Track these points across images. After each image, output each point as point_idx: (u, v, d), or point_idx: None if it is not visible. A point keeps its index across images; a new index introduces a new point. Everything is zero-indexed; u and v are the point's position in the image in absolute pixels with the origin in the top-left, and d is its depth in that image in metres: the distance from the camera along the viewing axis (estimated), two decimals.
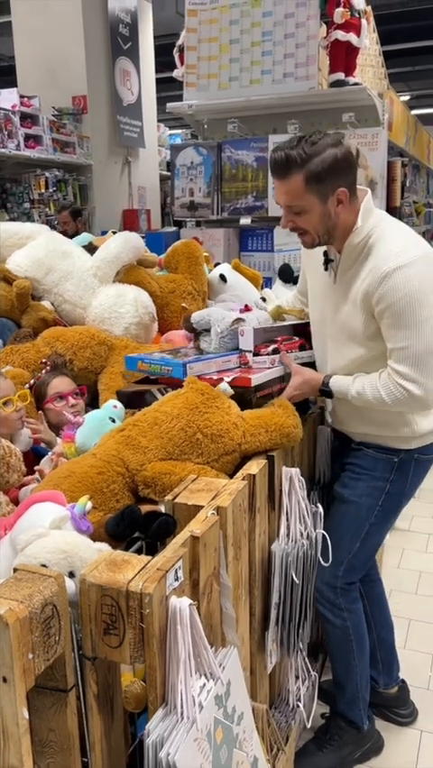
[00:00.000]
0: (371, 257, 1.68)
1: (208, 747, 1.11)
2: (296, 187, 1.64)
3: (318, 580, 1.87)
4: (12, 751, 1.03)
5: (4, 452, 1.56)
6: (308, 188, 1.63)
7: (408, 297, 1.61)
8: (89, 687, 1.17)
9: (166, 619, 1.10)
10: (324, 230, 1.70)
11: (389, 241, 1.67)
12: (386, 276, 1.61)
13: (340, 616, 1.89)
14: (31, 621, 1.00)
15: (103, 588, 1.09)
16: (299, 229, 1.72)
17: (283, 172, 1.64)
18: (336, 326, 1.79)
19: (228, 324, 1.88)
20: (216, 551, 1.30)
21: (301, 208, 1.67)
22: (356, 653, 1.92)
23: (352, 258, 1.72)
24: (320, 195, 1.64)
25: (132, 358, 1.94)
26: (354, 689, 1.94)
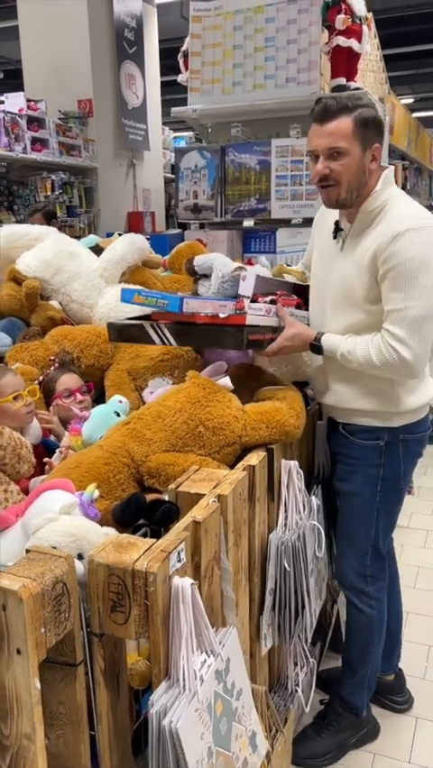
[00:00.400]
0: (383, 222, 1.73)
1: (209, 718, 1.18)
2: (344, 128, 1.68)
3: (348, 571, 1.94)
4: (25, 719, 1.10)
5: (16, 444, 1.63)
6: (355, 132, 1.68)
7: (413, 260, 1.65)
8: (97, 662, 1.24)
9: (169, 598, 1.17)
10: (355, 184, 1.73)
11: (403, 207, 1.74)
12: (397, 235, 1.66)
13: (368, 603, 1.95)
14: (43, 597, 1.07)
15: (110, 567, 1.16)
16: (331, 178, 1.73)
17: (332, 114, 1.68)
18: (338, 291, 1.83)
19: (231, 270, 1.89)
20: (216, 536, 1.37)
21: (344, 150, 1.69)
22: (376, 642, 1.99)
23: (365, 223, 1.77)
24: (362, 142, 1.70)
25: (128, 290, 1.90)
26: (364, 674, 2.00)
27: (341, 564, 1.94)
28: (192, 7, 4.05)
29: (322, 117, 1.69)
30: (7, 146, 5.55)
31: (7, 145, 5.55)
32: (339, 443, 1.94)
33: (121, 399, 1.88)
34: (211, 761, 1.18)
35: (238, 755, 1.28)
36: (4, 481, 1.58)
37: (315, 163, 1.76)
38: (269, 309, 1.86)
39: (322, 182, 1.75)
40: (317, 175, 1.74)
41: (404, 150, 5.16)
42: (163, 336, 1.79)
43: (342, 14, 3.55)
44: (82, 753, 1.24)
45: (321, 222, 1.98)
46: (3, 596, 1.05)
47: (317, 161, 1.75)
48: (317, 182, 1.77)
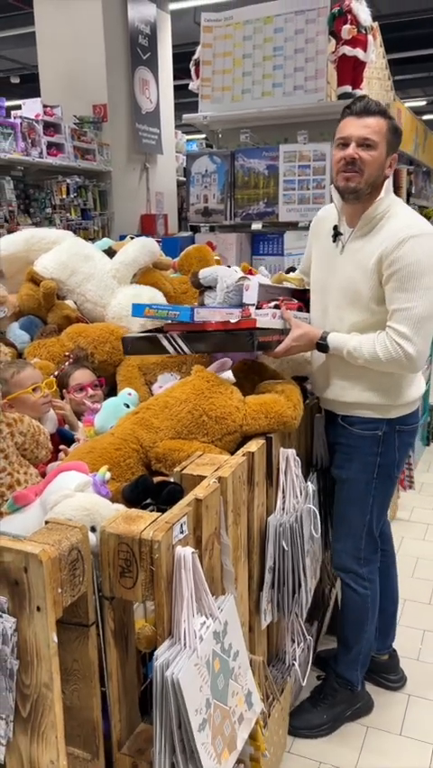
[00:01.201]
0: (385, 228, 1.88)
1: (207, 673, 1.31)
2: (380, 127, 1.86)
3: (343, 554, 2.07)
4: (44, 670, 1.24)
5: (35, 431, 1.77)
6: (386, 134, 1.86)
7: (418, 263, 1.80)
8: (108, 624, 1.37)
9: (172, 564, 1.31)
10: (372, 180, 1.89)
11: (406, 215, 1.91)
12: (403, 240, 1.81)
13: (362, 585, 2.08)
14: (60, 561, 1.21)
15: (120, 537, 1.30)
16: (357, 164, 1.87)
17: (373, 113, 1.86)
18: (340, 292, 1.96)
19: (235, 280, 2.03)
20: (217, 513, 1.51)
21: (374, 144, 1.85)
22: (369, 621, 2.11)
23: (368, 227, 1.91)
24: (388, 146, 1.88)
25: (139, 305, 2.04)
26: (358, 651, 2.13)
27: (337, 548, 2.07)
28: (203, 17, 4.20)
29: (363, 112, 1.86)
30: (24, 151, 5.71)
31: (24, 150, 5.71)
32: (338, 433, 2.07)
33: (130, 392, 2.02)
34: (209, 711, 1.31)
35: (235, 710, 1.41)
36: (24, 464, 1.73)
37: (341, 150, 1.89)
38: (274, 314, 2.01)
39: (348, 167, 1.88)
40: (346, 158, 1.88)
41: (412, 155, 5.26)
42: (177, 345, 1.94)
43: (348, 25, 3.68)
44: (94, 705, 1.38)
45: (318, 228, 2.12)
46: (25, 559, 1.19)
47: (343, 149, 1.89)
48: (342, 167, 1.89)
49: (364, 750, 2.05)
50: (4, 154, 5.45)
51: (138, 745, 1.45)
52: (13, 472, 1.66)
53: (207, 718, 1.30)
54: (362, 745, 2.07)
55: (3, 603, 1.23)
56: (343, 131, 1.90)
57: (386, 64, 4.29)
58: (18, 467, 1.68)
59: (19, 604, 1.22)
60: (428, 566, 3.08)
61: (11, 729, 1.29)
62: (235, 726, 1.41)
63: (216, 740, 1.33)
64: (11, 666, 1.24)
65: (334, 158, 1.92)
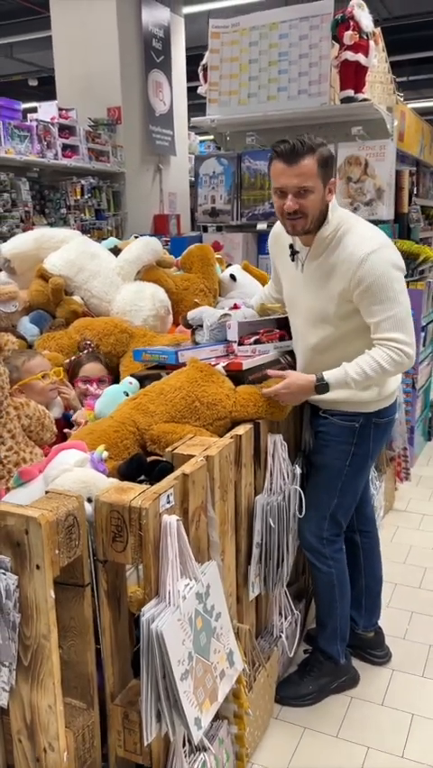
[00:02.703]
0: (341, 246, 1.96)
1: (189, 629, 1.46)
2: (310, 169, 1.87)
3: (307, 533, 2.18)
4: (42, 623, 1.38)
5: (40, 415, 1.93)
6: (318, 171, 1.90)
7: (384, 275, 1.91)
8: (101, 585, 1.52)
9: (159, 531, 1.45)
10: (318, 214, 1.95)
11: (359, 232, 1.98)
12: (363, 260, 1.90)
13: (326, 563, 2.20)
14: (57, 525, 1.36)
15: (112, 505, 1.45)
16: (300, 212, 1.93)
17: (300, 156, 1.85)
18: (307, 309, 2.07)
19: (217, 319, 2.22)
20: (203, 488, 1.65)
21: (311, 188, 1.89)
22: (338, 596, 2.23)
23: (321, 248, 2.01)
24: (323, 179, 1.92)
25: (138, 351, 2.29)
26: (334, 626, 2.25)
27: (303, 527, 2.18)
28: (211, 24, 4.34)
29: (290, 158, 1.88)
30: (40, 153, 5.89)
31: (40, 152, 5.89)
32: (319, 423, 2.20)
33: (131, 381, 2.17)
34: (191, 664, 1.45)
35: (216, 666, 1.55)
36: (30, 445, 1.88)
37: (279, 198, 1.96)
38: (254, 350, 2.19)
39: (291, 216, 1.95)
40: (286, 209, 1.93)
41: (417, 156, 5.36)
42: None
43: (350, 31, 3.80)
44: (89, 660, 1.53)
45: (276, 246, 2.22)
46: (26, 522, 1.34)
47: (282, 198, 1.94)
48: (285, 215, 1.96)
49: (347, 718, 2.17)
50: (20, 156, 5.63)
51: (129, 698, 1.59)
52: (19, 451, 1.82)
53: (189, 670, 1.44)
54: (345, 713, 2.19)
55: (6, 562, 1.38)
56: (277, 179, 1.92)
57: (388, 68, 4.40)
58: (24, 446, 1.84)
59: (20, 563, 1.36)
60: (420, 553, 3.20)
61: (14, 677, 1.44)
62: (217, 681, 1.55)
63: (197, 690, 1.47)
64: (13, 619, 1.39)
65: (275, 203, 1.98)
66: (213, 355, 2.20)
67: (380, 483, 3.31)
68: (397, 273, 1.95)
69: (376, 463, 3.22)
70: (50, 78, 10.13)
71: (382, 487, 3.36)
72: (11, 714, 1.47)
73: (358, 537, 2.38)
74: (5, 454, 1.79)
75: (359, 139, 3.98)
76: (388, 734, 2.11)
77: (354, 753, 2.03)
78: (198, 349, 2.18)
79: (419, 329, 4.10)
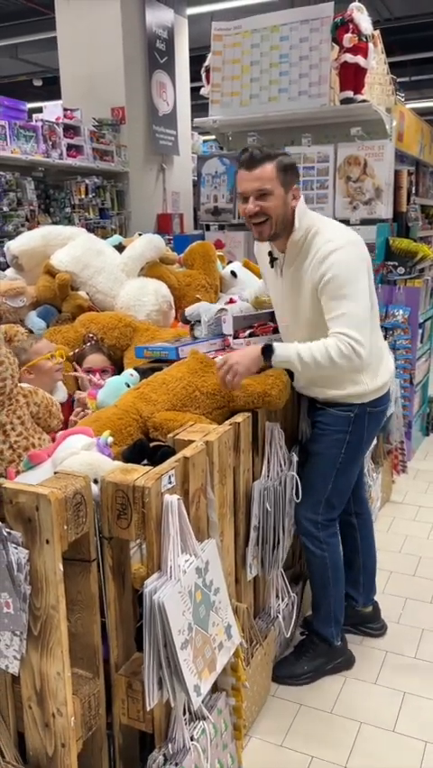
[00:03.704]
0: (312, 248, 2.05)
1: (189, 601, 1.55)
2: (269, 173, 1.99)
3: (302, 518, 2.28)
4: (51, 594, 1.48)
5: (47, 402, 2.02)
6: (277, 175, 2.00)
7: (345, 272, 1.99)
8: (107, 561, 1.61)
9: (161, 509, 1.54)
10: (281, 218, 2.04)
11: (325, 232, 2.06)
12: (326, 257, 2.00)
13: (320, 547, 2.29)
14: (66, 502, 1.45)
15: (117, 484, 1.54)
16: (261, 215, 2.02)
17: (258, 162, 1.98)
18: (290, 312, 2.18)
19: (213, 314, 2.32)
20: (203, 471, 1.74)
21: (269, 191, 1.99)
22: (332, 579, 2.32)
23: (294, 253, 2.10)
24: (284, 184, 2.03)
25: (139, 348, 2.39)
26: (327, 608, 2.34)
27: (298, 512, 2.28)
28: (213, 26, 4.43)
29: (249, 164, 2.01)
30: (45, 152, 5.98)
31: (45, 151, 5.98)
32: (316, 413, 2.29)
33: (132, 373, 2.26)
34: (191, 634, 1.55)
35: (215, 638, 1.64)
36: (38, 431, 1.98)
37: (243, 203, 2.07)
38: (248, 342, 2.29)
39: (254, 219, 2.06)
40: (248, 213, 2.04)
41: (417, 156, 5.44)
42: None
43: (349, 33, 3.89)
44: (95, 632, 1.62)
45: (260, 253, 2.34)
46: (36, 499, 1.43)
47: (245, 202, 2.06)
48: (248, 219, 2.07)
49: (342, 695, 2.26)
50: (26, 156, 5.72)
51: (133, 669, 1.68)
52: (28, 437, 1.91)
53: (188, 639, 1.53)
54: (340, 691, 2.28)
55: (18, 537, 1.47)
56: (239, 185, 2.05)
57: (387, 69, 4.49)
58: (33, 432, 1.93)
59: (31, 538, 1.46)
60: (415, 543, 3.29)
61: (24, 646, 1.53)
62: (216, 652, 1.64)
63: (197, 659, 1.56)
64: (24, 591, 1.48)
65: (240, 211, 2.10)
66: (212, 349, 2.30)
67: (377, 475, 3.40)
68: (359, 273, 2.02)
69: (373, 456, 3.31)
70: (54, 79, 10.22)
71: (379, 479, 3.45)
72: (21, 681, 1.57)
73: (354, 519, 2.48)
74: (15, 440, 1.89)
75: (358, 139, 4.06)
76: (380, 710, 2.20)
77: (348, 727, 2.12)
78: (196, 344, 2.28)
79: (417, 326, 4.19)
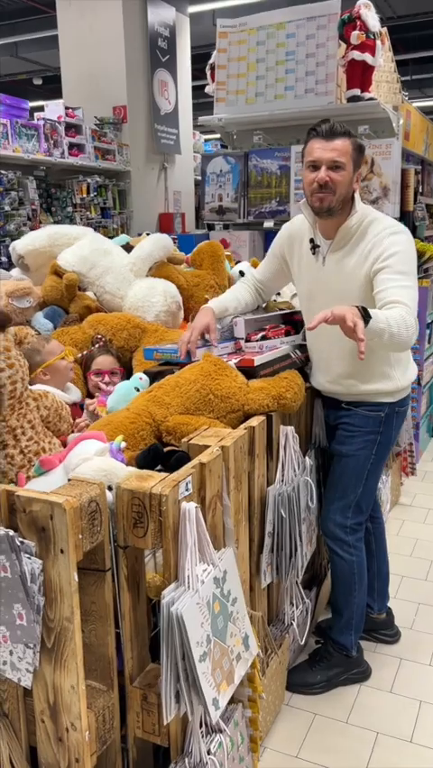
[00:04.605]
0: (367, 234, 2.05)
1: (207, 612, 1.50)
2: (346, 148, 2.00)
3: (331, 522, 2.24)
4: (66, 605, 1.43)
5: (58, 406, 1.98)
6: (352, 153, 2.01)
7: (406, 253, 1.99)
8: (122, 570, 1.57)
9: (178, 517, 1.50)
10: (344, 197, 2.04)
11: (383, 220, 2.08)
12: (387, 236, 2.00)
13: (348, 552, 2.25)
14: (81, 510, 1.40)
15: (133, 492, 1.49)
16: (329, 186, 2.00)
17: (338, 134, 1.99)
18: (331, 299, 2.05)
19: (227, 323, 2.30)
20: (219, 477, 1.69)
21: (343, 165, 1.99)
22: (357, 585, 2.28)
23: (345, 239, 2.08)
24: (354, 163, 2.03)
25: (149, 349, 2.33)
26: (349, 615, 2.29)
27: (326, 516, 2.24)
28: (219, 23, 4.38)
29: (329, 134, 2.01)
30: (47, 151, 5.93)
31: (47, 150, 5.93)
32: (340, 415, 2.24)
33: (141, 377, 2.21)
34: (209, 646, 1.50)
35: (233, 649, 1.60)
36: (49, 435, 1.93)
37: (311, 172, 2.05)
38: (261, 346, 2.24)
39: (322, 189, 2.03)
40: (318, 181, 2.01)
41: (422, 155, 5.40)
42: None
43: (357, 31, 3.85)
44: (109, 643, 1.57)
45: (292, 242, 2.27)
46: (51, 508, 1.38)
47: (314, 171, 2.03)
48: (315, 188, 2.03)
49: (357, 704, 2.22)
50: (27, 155, 5.67)
51: (147, 681, 1.64)
52: (39, 441, 1.86)
53: (207, 652, 1.49)
54: (354, 699, 2.24)
55: (31, 547, 1.42)
56: (312, 153, 2.02)
57: (394, 67, 4.44)
58: (43, 436, 1.88)
59: (45, 547, 1.41)
60: (426, 546, 3.24)
61: (37, 659, 1.48)
62: (234, 663, 1.59)
63: (215, 672, 1.52)
64: (38, 602, 1.44)
65: (305, 179, 2.06)
66: (224, 352, 2.24)
67: (386, 478, 3.36)
68: (414, 261, 2.02)
69: None
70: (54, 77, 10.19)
71: (388, 481, 3.40)
72: (34, 695, 1.52)
73: (369, 523, 2.44)
74: (26, 444, 1.84)
75: (365, 138, 4.01)
76: (396, 720, 2.15)
77: (364, 737, 2.08)
78: (208, 347, 2.22)
79: (424, 326, 4.15)
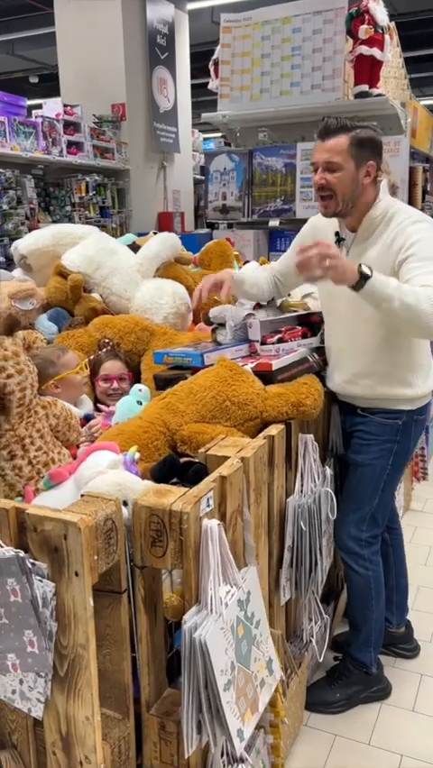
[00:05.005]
0: (391, 225, 1.94)
1: (232, 637, 1.40)
2: (340, 146, 1.89)
3: (345, 535, 2.14)
4: (80, 631, 1.33)
5: (67, 415, 1.88)
6: (349, 149, 1.90)
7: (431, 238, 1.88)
8: (138, 591, 1.47)
9: (200, 535, 1.40)
10: (349, 196, 1.93)
11: (406, 211, 1.98)
12: (411, 225, 1.90)
13: (364, 566, 2.15)
14: (96, 529, 1.31)
15: (151, 508, 1.39)
16: (327, 189, 1.93)
17: (332, 132, 1.89)
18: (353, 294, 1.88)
19: (241, 319, 2.18)
20: (240, 491, 1.60)
21: (338, 165, 1.89)
22: (374, 600, 2.18)
23: (370, 229, 1.98)
24: (356, 159, 1.91)
25: (159, 353, 2.21)
26: (368, 632, 2.20)
27: (340, 529, 2.14)
28: (222, 18, 4.28)
29: (323, 134, 1.92)
30: (45, 149, 5.83)
31: (45, 149, 5.83)
32: (356, 422, 2.14)
33: (141, 388, 2.11)
34: (233, 673, 1.40)
35: (257, 675, 1.50)
36: (58, 445, 1.83)
37: (313, 173, 1.99)
38: (278, 349, 2.14)
39: (320, 192, 1.96)
40: (314, 184, 1.97)
41: (427, 153, 5.31)
42: None
43: (365, 25, 3.75)
44: (125, 669, 1.47)
45: (316, 230, 2.18)
46: (65, 527, 1.28)
47: (314, 172, 1.97)
48: (316, 191, 1.99)
49: (379, 724, 2.12)
50: (25, 153, 5.57)
51: (165, 708, 1.54)
52: (48, 451, 1.76)
53: (231, 680, 1.39)
54: (376, 719, 2.14)
55: (43, 569, 1.32)
56: (312, 156, 1.98)
57: (402, 63, 4.36)
58: (52, 446, 1.78)
59: (58, 569, 1.31)
60: None
61: (49, 688, 1.38)
62: (258, 690, 1.50)
63: (239, 701, 1.42)
64: (50, 628, 1.34)
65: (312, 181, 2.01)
66: (238, 355, 2.15)
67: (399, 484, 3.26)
68: None
69: None
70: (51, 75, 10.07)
71: (400, 487, 3.31)
72: (45, 725, 1.42)
73: (387, 534, 2.34)
74: (35, 454, 1.74)
75: None
76: (420, 740, 2.06)
77: (388, 760, 1.98)
78: (222, 350, 2.13)
79: None
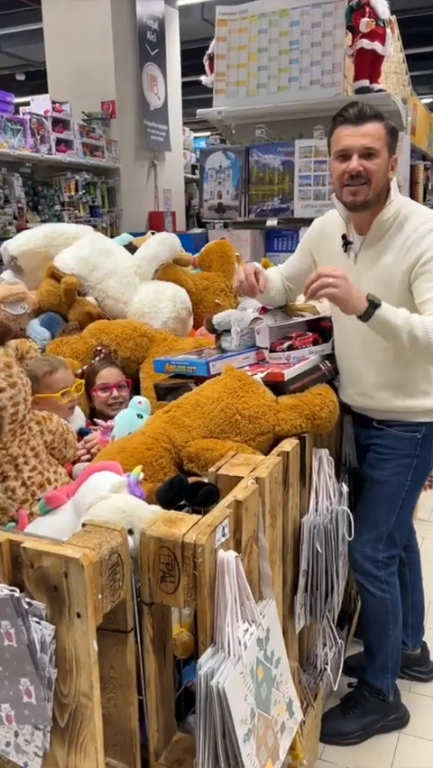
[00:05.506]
0: (404, 228, 1.81)
1: (251, 681, 1.27)
2: (378, 132, 1.78)
3: (360, 556, 2.00)
4: (83, 679, 1.19)
5: (63, 430, 1.73)
6: (386, 137, 1.80)
7: None
8: (146, 630, 1.32)
9: (215, 569, 1.26)
10: (380, 188, 1.81)
11: (422, 213, 1.84)
12: (429, 232, 1.77)
13: (380, 588, 2.01)
14: (101, 566, 1.16)
15: (161, 540, 1.25)
16: (363, 177, 1.79)
17: (369, 118, 1.78)
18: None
19: (247, 323, 2.04)
20: (255, 515, 1.46)
21: (377, 151, 1.78)
22: (392, 624, 2.05)
23: (379, 234, 1.85)
24: (389, 148, 1.81)
25: (160, 361, 2.08)
26: (385, 658, 2.06)
27: (356, 549, 2.00)
28: (218, 11, 4.14)
29: (358, 119, 1.78)
30: (33, 147, 5.66)
31: (33, 146, 5.67)
32: (371, 435, 2.00)
33: (140, 401, 1.96)
34: (253, 721, 1.26)
35: (277, 719, 1.36)
36: (54, 464, 1.68)
37: (341, 162, 1.82)
38: (288, 356, 1.99)
39: (354, 180, 1.80)
40: (350, 172, 1.79)
41: (425, 151, 5.22)
42: None
43: (366, 18, 3.63)
44: (131, 714, 1.33)
45: (323, 239, 2.04)
46: (65, 564, 1.14)
47: (345, 161, 1.80)
48: (346, 180, 1.81)
49: (397, 755, 1.99)
50: (13, 150, 5.41)
51: (176, 755, 1.40)
52: (43, 471, 1.62)
53: (251, 729, 1.25)
54: (394, 750, 2.01)
55: (41, 609, 1.18)
56: (341, 142, 1.81)
57: (403, 58, 4.24)
58: (48, 465, 1.64)
59: (58, 610, 1.17)
60: None
61: (48, 740, 1.24)
62: (278, 736, 1.36)
63: (260, 751, 1.28)
64: (49, 675, 1.19)
65: (335, 171, 1.84)
66: (245, 363, 2.01)
67: None
68: None
69: None
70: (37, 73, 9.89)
71: None
72: None
73: (403, 552, 2.19)
74: (29, 475, 1.59)
75: None
76: None
77: None
78: (228, 358, 1.99)
79: None
